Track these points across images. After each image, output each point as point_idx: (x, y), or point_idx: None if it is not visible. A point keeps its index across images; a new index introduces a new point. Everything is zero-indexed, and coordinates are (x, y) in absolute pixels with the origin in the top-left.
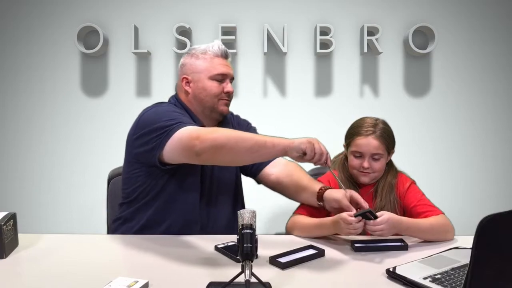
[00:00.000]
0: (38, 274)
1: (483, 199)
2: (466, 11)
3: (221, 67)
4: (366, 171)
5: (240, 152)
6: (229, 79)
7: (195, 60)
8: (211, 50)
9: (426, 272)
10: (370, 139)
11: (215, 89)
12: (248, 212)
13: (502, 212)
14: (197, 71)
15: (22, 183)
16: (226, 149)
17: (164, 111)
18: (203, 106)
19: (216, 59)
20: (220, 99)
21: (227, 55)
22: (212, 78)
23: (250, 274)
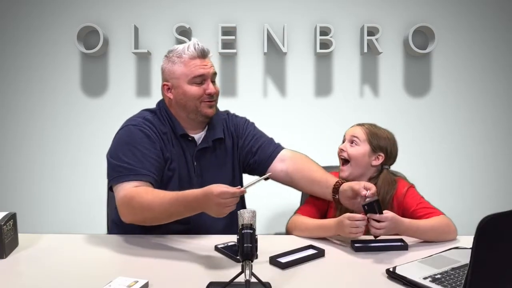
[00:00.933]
0: (38, 274)
1: (483, 199)
2: (466, 11)
3: (198, 68)
4: (341, 154)
5: (160, 222)
6: (209, 78)
7: (172, 65)
8: (186, 52)
9: (426, 272)
10: (355, 126)
11: (196, 92)
12: (248, 212)
13: (502, 212)
14: (175, 76)
15: (22, 183)
16: (146, 224)
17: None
18: (187, 111)
19: (193, 61)
20: (203, 101)
21: (204, 54)
22: (191, 82)
23: (250, 274)
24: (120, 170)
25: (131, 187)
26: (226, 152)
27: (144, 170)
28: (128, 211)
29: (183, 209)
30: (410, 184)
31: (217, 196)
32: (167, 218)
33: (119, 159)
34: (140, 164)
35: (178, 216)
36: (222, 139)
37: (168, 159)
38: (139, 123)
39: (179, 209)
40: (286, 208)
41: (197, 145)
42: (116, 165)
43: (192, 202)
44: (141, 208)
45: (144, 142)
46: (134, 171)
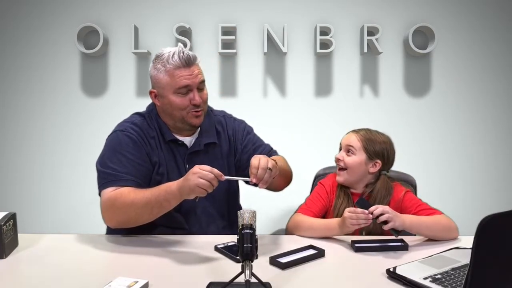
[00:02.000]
0: (38, 274)
1: (483, 199)
2: (466, 11)
3: (182, 79)
4: (339, 164)
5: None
6: (195, 88)
7: (157, 73)
8: (170, 61)
9: (426, 272)
10: (350, 134)
11: (181, 103)
12: (248, 212)
13: (502, 212)
14: (161, 86)
15: (22, 183)
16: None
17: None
18: (174, 120)
19: (177, 70)
20: (189, 112)
21: (190, 62)
22: (176, 93)
23: (250, 274)
24: (105, 176)
25: (114, 191)
26: (222, 156)
27: (128, 176)
28: (111, 212)
29: (164, 194)
30: (406, 189)
31: (196, 167)
32: (150, 212)
33: (106, 165)
34: (125, 170)
35: (160, 207)
36: (216, 143)
37: (156, 163)
38: (126, 128)
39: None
40: (286, 209)
41: (188, 148)
42: (102, 171)
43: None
44: (124, 206)
45: (130, 148)
46: (118, 176)
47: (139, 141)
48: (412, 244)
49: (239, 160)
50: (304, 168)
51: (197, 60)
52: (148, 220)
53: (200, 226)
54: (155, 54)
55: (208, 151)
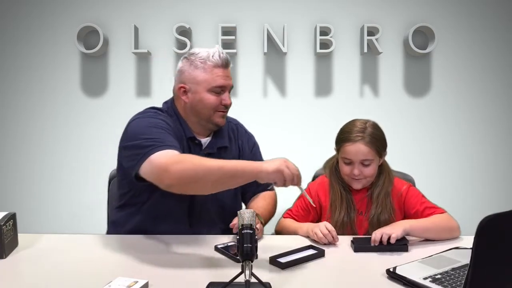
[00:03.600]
0: (38, 274)
1: (483, 199)
2: (466, 11)
3: (221, 79)
4: (357, 177)
5: (209, 184)
6: (228, 90)
7: (194, 69)
8: (211, 59)
9: (426, 272)
10: (359, 145)
11: (213, 102)
12: (248, 212)
13: (502, 212)
14: (196, 82)
15: (22, 183)
16: (195, 183)
17: (147, 126)
18: (199, 117)
19: (216, 69)
20: (217, 111)
21: (227, 64)
22: (211, 91)
23: (250, 274)
24: (149, 144)
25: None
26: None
27: (175, 143)
28: (178, 165)
29: (241, 164)
30: (408, 183)
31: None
32: (219, 177)
33: (144, 138)
34: (169, 138)
35: (232, 176)
36: (227, 147)
37: None
38: (152, 113)
39: (236, 166)
40: (286, 209)
41: (202, 149)
42: (140, 143)
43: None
44: (193, 163)
45: (163, 125)
46: (166, 142)
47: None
48: (412, 244)
49: None
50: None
51: (231, 65)
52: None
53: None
54: (188, 52)
55: (220, 154)
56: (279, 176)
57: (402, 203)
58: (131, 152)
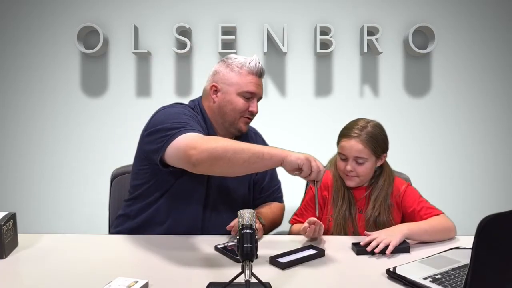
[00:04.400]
0: (38, 274)
1: (483, 199)
2: (466, 11)
3: (252, 85)
4: (350, 174)
5: (238, 163)
6: (257, 98)
7: (229, 71)
8: (247, 65)
9: (426, 272)
10: (353, 142)
11: (241, 106)
12: (248, 212)
13: (502, 212)
14: (229, 83)
15: (22, 183)
16: (224, 161)
17: (175, 113)
18: (224, 119)
19: (250, 76)
20: (242, 117)
21: (261, 74)
22: (241, 95)
23: (250, 274)
24: (177, 126)
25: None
26: None
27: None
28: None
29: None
30: (406, 182)
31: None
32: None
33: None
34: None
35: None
36: None
37: None
38: (180, 106)
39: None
40: (286, 209)
41: None
42: (173, 123)
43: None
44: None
45: (191, 114)
46: (194, 126)
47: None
48: (412, 244)
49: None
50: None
51: (264, 77)
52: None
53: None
54: (226, 56)
55: None
56: (307, 164)
57: (400, 202)
58: (157, 136)
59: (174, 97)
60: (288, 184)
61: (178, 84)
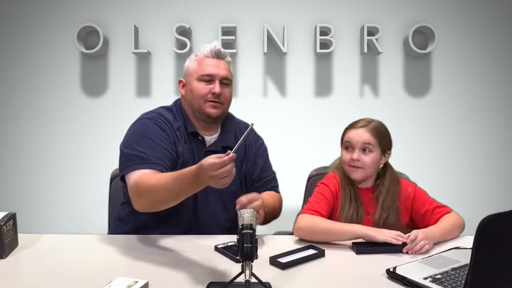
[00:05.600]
0: (38, 274)
1: (483, 199)
2: (466, 11)
3: (209, 67)
4: (356, 164)
5: (169, 204)
6: (218, 79)
7: (189, 63)
8: (202, 51)
9: (426, 272)
10: (361, 130)
11: (201, 90)
12: (248, 212)
13: (502, 212)
14: (189, 73)
15: (22, 183)
16: (157, 208)
17: (140, 134)
18: (192, 108)
19: (206, 59)
20: (207, 101)
21: (219, 55)
22: (200, 79)
23: (250, 274)
24: (132, 158)
25: (141, 174)
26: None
27: (156, 159)
28: (137, 197)
29: (185, 186)
30: (412, 183)
31: (207, 170)
32: (175, 198)
33: (133, 148)
34: (153, 153)
35: (184, 193)
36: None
37: (180, 155)
38: (153, 117)
39: (182, 187)
40: (286, 208)
41: (207, 146)
42: (129, 154)
43: (190, 178)
44: (147, 191)
45: (158, 134)
46: (146, 159)
47: (167, 130)
48: None
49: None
50: (304, 168)
51: (227, 58)
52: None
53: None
54: None
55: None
56: (216, 182)
57: (410, 204)
58: (121, 158)
59: (174, 97)
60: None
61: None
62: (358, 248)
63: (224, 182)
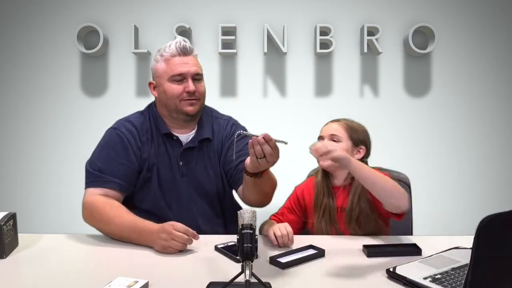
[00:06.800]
0: (38, 274)
1: (483, 199)
2: (466, 11)
3: (178, 66)
4: None
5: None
6: (190, 77)
7: (156, 64)
8: (167, 50)
9: (426, 272)
10: (331, 123)
11: (175, 91)
12: (248, 212)
13: (502, 212)
14: (158, 75)
15: (22, 183)
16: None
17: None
18: (169, 110)
19: (173, 59)
20: (182, 100)
21: (186, 52)
22: (171, 80)
23: (250, 274)
24: (89, 176)
25: (96, 194)
26: (214, 154)
27: (112, 177)
28: (88, 217)
29: (135, 236)
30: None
31: (170, 226)
32: (120, 238)
33: (93, 163)
34: (110, 169)
35: (129, 240)
36: (210, 140)
37: (146, 160)
38: (119, 126)
39: (131, 236)
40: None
41: (183, 145)
42: (88, 170)
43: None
44: (100, 220)
45: (117, 147)
46: (103, 178)
47: (128, 140)
48: None
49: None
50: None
51: (194, 52)
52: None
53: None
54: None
55: (202, 147)
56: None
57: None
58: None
59: None
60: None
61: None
62: (369, 251)
63: (170, 245)
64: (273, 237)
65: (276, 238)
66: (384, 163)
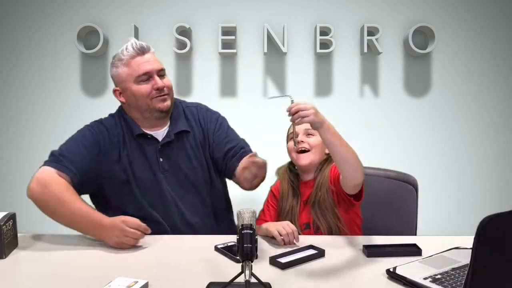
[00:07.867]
0: (38, 274)
1: (483, 199)
2: (466, 11)
3: (142, 66)
4: (303, 146)
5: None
6: (156, 73)
7: (116, 70)
8: (125, 53)
9: (426, 272)
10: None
11: (144, 90)
12: (248, 212)
13: (503, 212)
14: (122, 80)
15: (22, 183)
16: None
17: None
18: (141, 111)
19: (133, 60)
20: (153, 98)
21: (144, 50)
22: (137, 81)
23: (250, 274)
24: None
25: (53, 172)
26: (196, 144)
27: (71, 165)
28: (39, 193)
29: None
30: None
31: (122, 221)
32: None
33: (58, 149)
34: (71, 157)
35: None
36: (188, 131)
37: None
38: (91, 124)
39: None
40: None
41: (160, 141)
42: (51, 153)
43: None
44: (52, 199)
45: (85, 140)
46: (62, 162)
47: (97, 138)
48: None
49: (212, 154)
50: None
51: (151, 50)
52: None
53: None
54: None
55: (180, 140)
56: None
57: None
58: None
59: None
60: None
61: (178, 84)
62: (369, 251)
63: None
64: (279, 237)
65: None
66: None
